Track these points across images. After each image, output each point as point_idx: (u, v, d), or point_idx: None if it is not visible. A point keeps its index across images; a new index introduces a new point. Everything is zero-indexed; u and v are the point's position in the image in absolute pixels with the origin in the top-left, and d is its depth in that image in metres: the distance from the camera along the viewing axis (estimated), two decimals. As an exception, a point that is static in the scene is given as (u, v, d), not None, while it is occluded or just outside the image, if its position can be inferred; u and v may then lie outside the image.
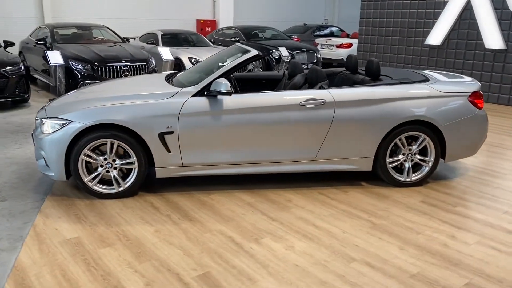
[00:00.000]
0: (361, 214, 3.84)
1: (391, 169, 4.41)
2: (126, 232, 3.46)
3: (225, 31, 14.07)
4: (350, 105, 4.20)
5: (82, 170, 3.97)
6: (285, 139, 4.15)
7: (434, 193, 4.33)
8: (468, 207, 4.02)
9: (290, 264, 3.05)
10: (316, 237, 3.43)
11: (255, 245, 3.29)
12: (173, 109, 3.97)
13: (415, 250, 3.25)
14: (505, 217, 3.82)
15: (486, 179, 4.75)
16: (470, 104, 4.45)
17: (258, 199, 4.12)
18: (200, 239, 3.37)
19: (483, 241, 3.41)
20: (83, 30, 10.42)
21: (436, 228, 3.60)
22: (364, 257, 3.15)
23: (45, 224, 3.56)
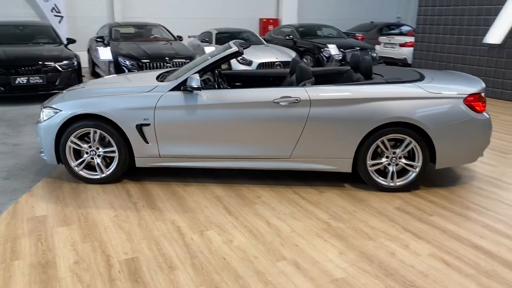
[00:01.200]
0: (322, 215, 3.75)
1: (373, 172, 4.22)
2: (88, 214, 3.72)
3: (282, 29, 14.12)
4: (327, 104, 4.09)
5: (69, 156, 4.32)
6: (259, 135, 4.16)
7: (416, 200, 4.07)
8: (445, 218, 3.73)
9: (218, 257, 3.09)
10: (261, 234, 3.42)
11: (196, 236, 3.37)
12: (150, 103, 4.17)
13: (354, 256, 3.12)
14: (481, 231, 3.49)
15: (488, 189, 4.35)
16: (467, 107, 4.10)
17: (229, 193, 4.18)
18: (149, 226, 3.53)
19: (437, 253, 3.16)
20: (139, 29, 11.10)
21: (394, 236, 3.41)
22: (296, 258, 3.09)
23: (26, 202, 3.95)
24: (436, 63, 10.77)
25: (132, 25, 11.21)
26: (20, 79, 7.99)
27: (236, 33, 12.52)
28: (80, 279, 2.81)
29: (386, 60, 14.35)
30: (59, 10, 13.18)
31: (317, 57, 11.97)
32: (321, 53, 11.93)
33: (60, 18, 13.25)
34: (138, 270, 2.92)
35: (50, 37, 9.81)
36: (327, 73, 5.31)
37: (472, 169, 4.92)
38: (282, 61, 10.76)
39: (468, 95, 4.11)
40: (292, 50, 11.57)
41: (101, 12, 13.88)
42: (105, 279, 2.81)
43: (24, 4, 13.01)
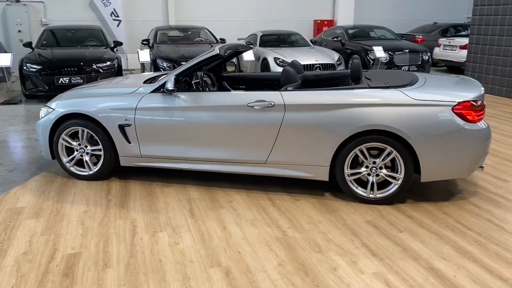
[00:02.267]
0: (283, 224, 3.63)
1: (351, 181, 4.01)
2: (61, 209, 3.92)
3: (332, 31, 13.82)
4: (301, 109, 3.95)
5: (62, 152, 4.58)
6: (234, 139, 4.12)
7: (393, 214, 3.79)
8: (415, 235, 3.44)
9: (155, 258, 3.11)
10: (211, 238, 3.39)
11: (147, 237, 3.42)
12: (131, 104, 4.30)
13: (292, 268, 2.99)
14: (447, 253, 3.18)
15: (483, 207, 3.94)
16: (456, 116, 3.75)
17: (204, 196, 4.19)
18: (108, 224, 3.64)
19: (384, 273, 2.93)
20: (183, 32, 11.45)
21: (347, 251, 3.21)
22: (231, 265, 3.02)
23: (15, 194, 4.25)
24: (491, 67, 9.94)
25: (177, 28, 11.59)
26: (63, 79, 8.60)
27: (281, 35, 12.47)
28: (19, 269, 2.97)
29: (447, 63, 13.52)
30: (118, 14, 13.97)
31: (364, 59, 11.56)
32: (367, 56, 11.51)
33: (118, 22, 14.03)
34: (75, 265, 3.03)
35: (99, 40, 10.43)
36: (325, 78, 5.13)
37: (476, 183, 4.48)
38: (322, 64, 10.54)
39: (457, 103, 3.76)
40: (336, 53, 11.29)
41: (156, 16, 14.49)
42: (40, 272, 2.95)
43: (87, 9, 13.95)
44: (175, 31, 11.45)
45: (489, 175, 4.73)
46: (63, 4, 13.71)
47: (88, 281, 2.84)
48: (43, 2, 13.54)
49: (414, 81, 4.11)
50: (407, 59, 11.36)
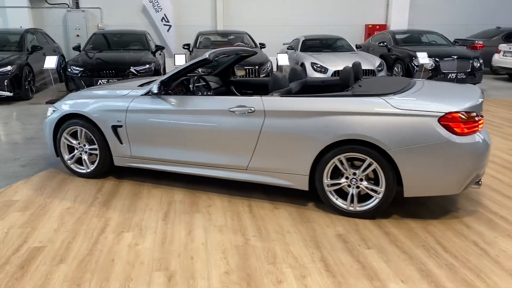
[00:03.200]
0: (249, 232, 3.56)
1: (331, 192, 3.85)
2: (50, 204, 4.13)
3: (380, 35, 13.37)
4: (281, 115, 3.86)
5: (64, 150, 4.82)
6: (217, 144, 4.12)
7: (370, 229, 3.59)
8: (382, 253, 3.23)
9: (109, 258, 3.18)
10: (172, 242, 3.40)
11: (112, 236, 3.50)
12: (122, 106, 4.43)
13: (237, 278, 2.92)
14: (408, 275, 2.94)
15: (474, 228, 3.61)
16: (442, 127, 3.48)
17: (186, 199, 4.22)
18: (84, 221, 3.77)
19: (329, 290, 2.78)
20: (224, 37, 11.62)
21: (301, 265, 3.08)
22: (178, 270, 3.01)
23: (16, 188, 4.53)
24: None
25: (218, 33, 11.78)
26: (101, 81, 9.05)
27: (323, 40, 12.26)
28: (-17, 259, 3.17)
29: (508, 71, 12.59)
30: (168, 19, 14.49)
31: (408, 65, 11.06)
32: (411, 62, 10.99)
33: (168, 27, 14.54)
34: (34, 258, 3.17)
35: (142, 44, 10.88)
36: (330, 84, 4.97)
37: (479, 201, 4.12)
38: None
39: (444, 114, 3.48)
40: (378, 59, 10.91)
41: (204, 21, 14.84)
42: (1, 262, 3.12)
43: (140, 14, 14.59)
44: (216, 36, 11.65)
45: (498, 193, 4.33)
46: (118, 10, 14.44)
47: (37, 275, 2.96)
48: (100, 8, 14.36)
49: (405, 89, 3.87)
50: (455, 66, 10.69)
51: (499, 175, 4.83)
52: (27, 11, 13.69)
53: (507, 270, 3.00)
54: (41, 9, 14.13)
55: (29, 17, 13.77)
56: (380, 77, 4.89)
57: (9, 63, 9.24)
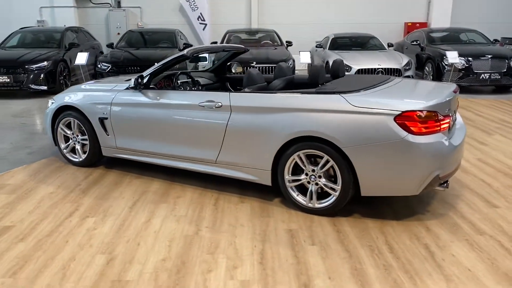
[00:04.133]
0: (205, 224, 3.66)
1: (292, 188, 3.87)
2: (37, 188, 4.45)
3: (414, 34, 12.94)
4: (245, 111, 3.94)
5: (60, 139, 5.16)
6: (188, 137, 4.25)
7: (324, 226, 3.57)
8: (324, 250, 3.22)
9: (65, 239, 3.40)
10: (126, 229, 3.58)
11: (76, 220, 3.73)
12: (108, 99, 4.68)
13: (171, 265, 3.04)
14: (339, 274, 2.92)
15: (436, 233, 3.49)
16: (397, 126, 3.40)
17: (159, 190, 4.39)
18: (58, 205, 4.04)
19: (253, 282, 2.83)
20: (251, 35, 11.75)
21: (237, 256, 3.14)
22: (120, 255, 3.18)
23: (14, 173, 4.91)
24: None
25: (246, 31, 11.92)
26: (126, 77, 9.46)
27: (353, 38, 12.06)
28: (-43, 234, 3.50)
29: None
30: (204, 18, 14.82)
31: (438, 65, 10.65)
32: (442, 61, 10.58)
33: (204, 25, 14.88)
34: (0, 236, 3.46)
35: (171, 42, 11.25)
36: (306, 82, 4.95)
37: (455, 204, 3.97)
38: (385, 68, 10.00)
39: (400, 113, 3.40)
40: (406, 57, 10.60)
41: (239, 20, 15.02)
42: (-30, 237, 3.44)
43: (177, 13, 15.04)
44: (244, 34, 11.80)
45: (480, 198, 4.15)
46: (156, 9, 14.97)
47: (-5, 250, 3.24)
48: (140, 8, 14.95)
49: (373, 86, 3.81)
50: (488, 66, 10.15)
51: (490, 179, 4.61)
52: (73, 11, 14.53)
53: (446, 275, 2.90)
54: (85, 8, 14.94)
55: (75, 16, 14.60)
56: (358, 75, 4.82)
57: (45, 59, 9.89)
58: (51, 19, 14.63)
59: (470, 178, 4.64)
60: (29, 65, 9.64)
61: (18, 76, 9.55)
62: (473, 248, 3.24)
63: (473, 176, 4.72)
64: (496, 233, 3.46)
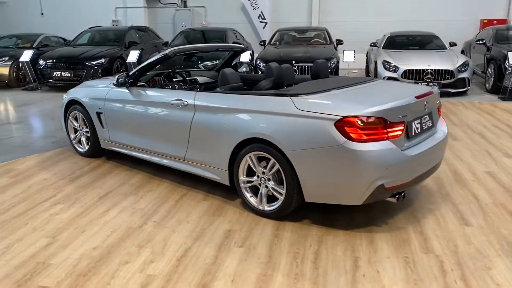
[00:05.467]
0: (154, 217, 3.80)
1: (246, 189, 3.87)
2: (35, 174, 4.91)
3: (483, 32, 11.90)
4: (205, 110, 4.01)
5: (70, 131, 5.62)
6: (161, 134, 4.42)
7: (264, 229, 3.53)
8: (247, 253, 3.18)
9: (25, 221, 3.74)
10: (84, 216, 3.83)
11: (47, 205, 4.08)
12: (103, 95, 5.02)
13: (95, 253, 3.22)
14: (245, 277, 2.90)
15: (377, 249, 3.30)
16: (337, 131, 3.25)
17: (138, 183, 4.60)
18: (41, 190, 4.43)
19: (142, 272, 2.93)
20: (300, 33, 11.65)
21: (160, 252, 3.24)
22: (60, 239, 3.43)
23: (27, 159, 5.46)
24: None
25: (295, 30, 11.84)
26: (171, 74, 9.93)
27: (411, 37, 11.42)
28: None
29: None
30: (264, 17, 14.97)
31: (500, 66, 9.72)
32: (504, 63, 9.63)
33: (264, 24, 15.04)
34: (-22, 214, 3.91)
35: (222, 40, 11.54)
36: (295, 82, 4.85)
37: (425, 218, 3.68)
38: (435, 69, 9.39)
39: (341, 118, 3.24)
40: (464, 58, 9.84)
41: (300, 18, 14.94)
42: (-45, 213, 3.93)
43: (239, 12, 15.36)
44: (293, 32, 11.73)
45: (457, 215, 3.80)
46: (220, 9, 15.42)
47: (-34, 226, 3.67)
48: (204, 7, 15.51)
49: (333, 89, 3.68)
50: (558, 69, 9.05)
51: (484, 194, 4.19)
52: (143, 11, 15.49)
53: (356, 291, 2.75)
54: (154, 8, 15.85)
55: (145, 16, 15.56)
56: (339, 77, 4.62)
57: (102, 56, 10.72)
58: (124, 18, 15.73)
59: (461, 192, 4.26)
60: (88, 61, 10.52)
61: (78, 72, 10.46)
62: (407, 266, 3.00)
63: (467, 190, 4.32)
64: (445, 253, 3.17)
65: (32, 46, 12.22)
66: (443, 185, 4.45)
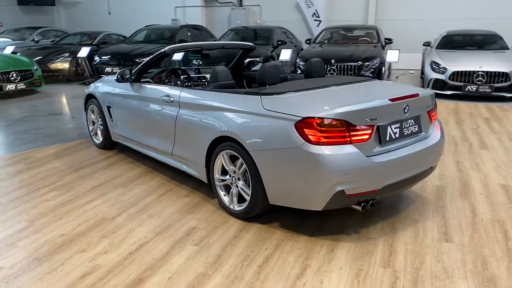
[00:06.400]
0: (130, 210, 3.89)
1: (221, 187, 3.84)
2: (47, 162, 5.23)
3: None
4: (189, 107, 4.04)
5: (89, 123, 5.93)
6: (153, 128, 4.53)
7: (227, 229, 3.48)
8: (180, 251, 3.18)
9: (15, 205, 4.03)
10: (67, 204, 4.03)
11: (43, 191, 4.33)
12: (111, 90, 5.23)
13: (48, 247, 3.39)
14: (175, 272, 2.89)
15: (331, 260, 3.12)
16: (296, 133, 3.12)
17: (133, 176, 4.74)
18: (46, 178, 4.71)
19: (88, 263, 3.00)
20: (348, 32, 11.30)
21: (110, 243, 3.33)
22: (19, 216, 3.65)
23: (48, 148, 5.84)
24: None
25: (343, 28, 11.50)
26: (211, 71, 10.11)
27: (469, 36, 10.64)
28: (-41, 190, 4.42)
29: None
30: (319, 15, 14.72)
31: None
32: None
33: (318, 22, 14.78)
34: (-19, 196, 4.26)
35: (267, 39, 11.54)
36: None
37: (404, 231, 3.43)
38: (487, 71, 8.68)
39: (301, 119, 3.11)
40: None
41: (356, 16, 14.48)
42: (-37, 194, 4.32)
43: (294, 11, 15.23)
44: (341, 31, 11.41)
45: (442, 229, 3.49)
46: (275, 7, 15.40)
47: (-34, 206, 4.01)
48: (259, 6, 15.56)
49: (312, 88, 3.56)
50: None
51: (485, 209, 3.81)
52: (201, 10, 15.89)
53: (287, 300, 2.63)
54: (211, 7, 16.18)
55: (202, 15, 15.96)
56: (334, 77, 4.40)
57: (151, 53, 11.13)
58: (183, 17, 16.24)
59: (461, 205, 3.90)
60: (138, 58, 10.99)
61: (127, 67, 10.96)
62: (355, 279, 2.81)
63: (469, 203, 3.95)
64: (405, 269, 2.92)
65: (92, 43, 13.02)
66: (444, 196, 4.10)
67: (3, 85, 9.36)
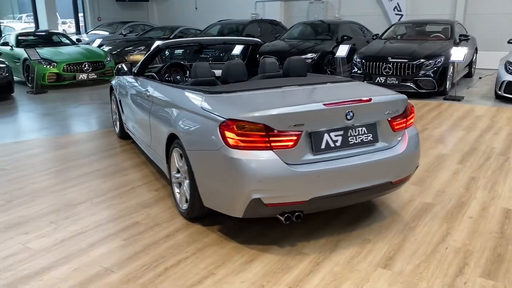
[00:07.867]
0: (97, 198, 4.07)
1: (176, 185, 3.82)
2: (62, 147, 5.64)
3: None
4: (157, 102, 4.07)
5: (112, 113, 6.28)
6: (140, 122, 4.65)
7: (170, 230, 3.47)
8: (150, 251, 3.21)
9: (15, 185, 4.42)
10: (54, 185, 4.33)
11: (45, 178, 4.70)
12: (123, 83, 5.47)
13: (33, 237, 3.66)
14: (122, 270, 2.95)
15: (281, 270, 2.95)
16: (218, 134, 2.98)
17: (131, 167, 4.90)
18: (55, 161, 5.10)
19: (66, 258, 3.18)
20: (419, 27, 10.42)
21: (46, 228, 3.50)
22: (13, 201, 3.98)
23: (74, 135, 6.30)
24: None
25: (414, 23, 10.62)
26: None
27: None
28: (-22, 167, 4.99)
29: None
30: (400, 9, 13.79)
31: None
32: None
33: (400, 16, 13.85)
34: None
35: (331, 33, 11.16)
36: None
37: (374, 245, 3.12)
38: None
39: (225, 120, 2.95)
40: None
41: (442, 10, 13.26)
42: (-22, 171, 4.86)
43: (374, 4, 14.43)
44: (412, 26, 10.55)
45: (388, 255, 3.09)
46: (355, 1, 14.74)
47: None
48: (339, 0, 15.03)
49: (259, 88, 3.39)
50: None
51: (462, 234, 3.29)
52: (279, 4, 15.82)
53: (164, 308, 2.54)
54: (290, 2, 16.00)
55: (281, 9, 15.88)
56: (312, 75, 4.06)
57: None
58: (262, 12, 16.33)
59: (434, 229, 3.41)
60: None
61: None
62: (248, 296, 2.62)
63: (446, 227, 3.44)
64: (311, 292, 2.64)
65: (169, 37, 13.68)
66: (423, 216, 3.62)
67: (76, 74, 10.29)
